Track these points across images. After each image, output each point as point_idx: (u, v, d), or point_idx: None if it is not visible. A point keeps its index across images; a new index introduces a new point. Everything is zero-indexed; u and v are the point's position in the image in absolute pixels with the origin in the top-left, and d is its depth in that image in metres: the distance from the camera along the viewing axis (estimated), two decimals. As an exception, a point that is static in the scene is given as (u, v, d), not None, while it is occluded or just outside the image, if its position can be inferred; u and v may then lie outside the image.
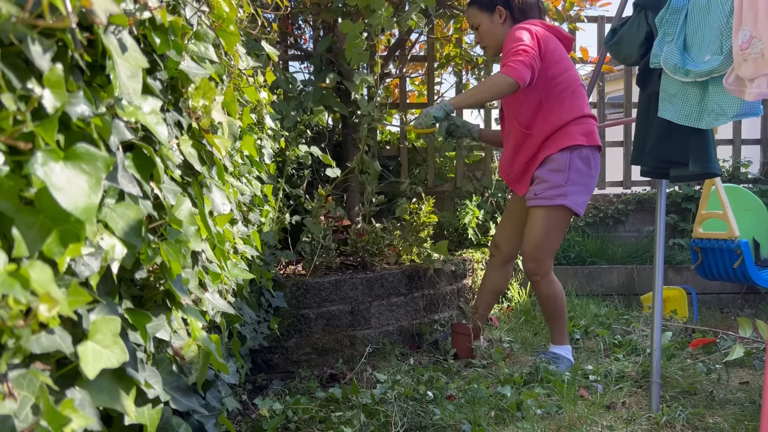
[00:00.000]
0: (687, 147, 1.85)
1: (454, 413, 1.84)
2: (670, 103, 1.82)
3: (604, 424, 1.79)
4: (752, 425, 1.79)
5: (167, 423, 0.86)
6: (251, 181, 1.74)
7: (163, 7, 0.86)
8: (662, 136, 1.90)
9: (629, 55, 2.03)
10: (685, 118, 1.78)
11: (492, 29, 2.49)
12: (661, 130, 1.90)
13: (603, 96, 4.11)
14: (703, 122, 1.75)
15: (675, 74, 1.78)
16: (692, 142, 1.84)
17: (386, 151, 3.74)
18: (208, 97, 1.07)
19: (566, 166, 2.33)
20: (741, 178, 4.10)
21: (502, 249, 2.62)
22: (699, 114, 1.76)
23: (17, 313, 0.54)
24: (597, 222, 4.09)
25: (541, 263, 2.38)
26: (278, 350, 2.36)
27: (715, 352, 2.49)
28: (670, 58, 1.80)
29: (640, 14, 1.97)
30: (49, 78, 0.60)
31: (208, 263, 1.14)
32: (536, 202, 2.37)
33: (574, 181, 2.34)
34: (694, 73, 1.73)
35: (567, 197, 2.33)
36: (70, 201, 0.58)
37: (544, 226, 2.36)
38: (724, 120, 1.70)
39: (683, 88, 1.78)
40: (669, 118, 1.82)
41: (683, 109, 1.79)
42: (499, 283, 2.66)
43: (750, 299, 3.74)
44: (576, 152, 2.34)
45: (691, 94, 1.77)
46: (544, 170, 2.37)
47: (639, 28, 1.96)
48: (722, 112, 1.70)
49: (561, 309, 2.43)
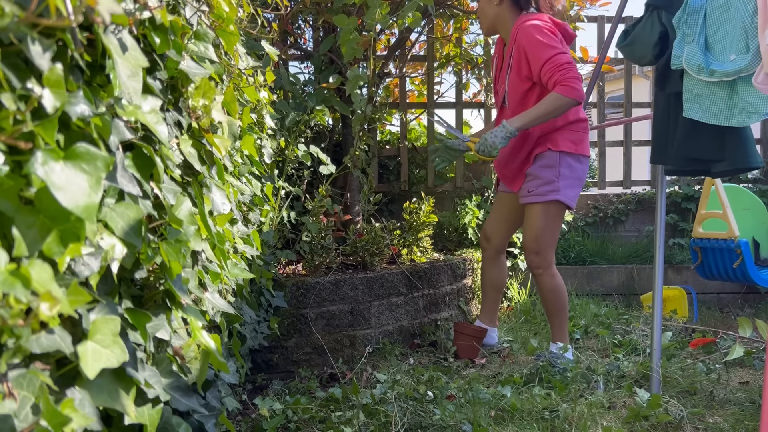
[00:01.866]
0: (722, 144, 1.86)
1: (454, 413, 1.84)
2: (696, 103, 1.83)
3: (604, 424, 1.79)
4: (752, 425, 1.79)
5: (167, 423, 0.86)
6: (251, 180, 1.74)
7: (163, 7, 0.86)
8: (689, 135, 1.91)
9: (643, 56, 2.03)
10: (715, 117, 1.79)
11: (487, 8, 2.50)
12: (687, 130, 1.91)
13: (603, 96, 4.11)
14: (734, 120, 1.76)
15: (699, 75, 1.78)
16: (728, 139, 1.85)
17: (386, 151, 3.74)
18: (208, 96, 1.07)
19: (557, 162, 2.39)
20: (741, 178, 4.10)
21: (493, 240, 2.66)
22: (729, 113, 1.76)
23: (18, 312, 0.54)
24: (597, 222, 4.09)
25: (543, 256, 2.41)
26: (278, 350, 2.36)
27: (715, 352, 2.49)
28: (693, 59, 1.80)
29: (652, 14, 1.97)
30: (49, 78, 0.60)
31: (208, 263, 1.14)
32: (530, 199, 2.42)
33: (565, 176, 2.39)
34: (719, 73, 1.73)
35: (560, 192, 2.38)
36: (70, 200, 0.58)
37: (542, 219, 2.40)
38: (757, 118, 1.71)
39: (709, 88, 1.79)
40: (697, 118, 1.82)
41: (711, 108, 1.79)
42: (497, 277, 2.69)
43: (750, 299, 3.74)
44: (565, 153, 2.40)
45: (718, 94, 1.78)
46: (536, 167, 2.42)
47: (652, 28, 1.96)
48: (754, 110, 1.70)
49: (562, 304, 2.43)
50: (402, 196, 3.63)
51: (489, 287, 2.70)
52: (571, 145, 2.39)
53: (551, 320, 2.47)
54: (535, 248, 2.42)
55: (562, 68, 2.23)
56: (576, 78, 2.23)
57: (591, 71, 3.32)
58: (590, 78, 3.01)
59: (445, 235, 3.45)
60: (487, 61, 3.55)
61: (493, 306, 2.72)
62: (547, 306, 2.46)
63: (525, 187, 2.45)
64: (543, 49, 2.28)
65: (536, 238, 2.41)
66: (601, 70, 3.00)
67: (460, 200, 3.53)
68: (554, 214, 2.41)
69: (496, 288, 2.71)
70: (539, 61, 2.29)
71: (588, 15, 3.78)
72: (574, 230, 4.03)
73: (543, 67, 2.28)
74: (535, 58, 2.30)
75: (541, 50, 2.28)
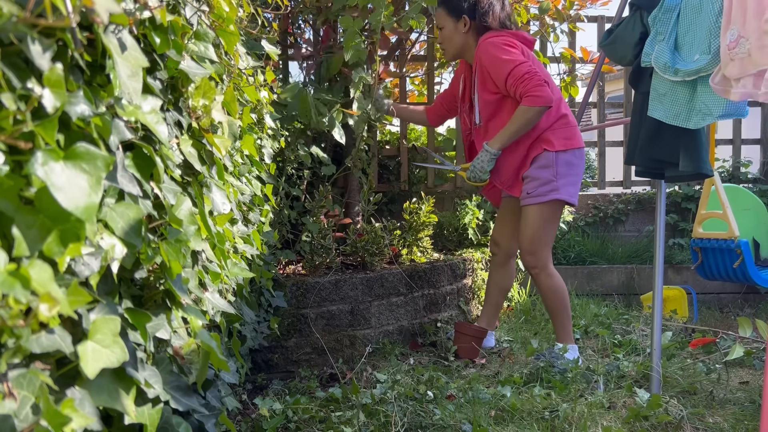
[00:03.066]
0: (678, 147, 1.85)
1: (455, 413, 1.84)
2: (660, 102, 1.82)
3: (604, 424, 1.79)
4: (752, 425, 1.79)
5: (167, 422, 0.86)
6: (251, 180, 1.74)
7: (163, 7, 0.86)
8: (653, 136, 1.91)
9: (624, 56, 2.03)
10: (674, 117, 1.79)
11: (454, 36, 2.53)
12: (652, 130, 1.90)
13: (603, 96, 4.11)
14: (691, 122, 1.75)
15: (665, 73, 1.78)
16: (683, 142, 1.84)
17: (386, 150, 3.74)
18: (208, 96, 1.07)
19: (554, 162, 2.39)
20: (741, 178, 4.10)
21: (502, 245, 2.67)
22: (687, 114, 1.76)
23: (17, 312, 0.54)
24: (597, 222, 4.09)
25: (538, 256, 2.41)
26: (278, 350, 2.36)
27: (715, 352, 2.49)
28: (661, 57, 1.80)
29: (635, 14, 1.97)
30: (49, 77, 0.60)
31: (208, 263, 1.14)
32: (530, 200, 2.42)
33: (563, 174, 2.40)
34: (682, 72, 1.73)
35: (559, 191, 2.38)
36: (70, 200, 0.58)
37: (537, 220, 2.41)
38: (710, 120, 1.70)
39: (673, 88, 1.79)
40: (659, 117, 1.82)
41: (672, 108, 1.79)
42: (504, 281, 2.70)
43: (750, 299, 3.74)
44: (561, 151, 2.41)
45: (680, 94, 1.77)
46: (533, 169, 2.43)
47: (634, 28, 1.96)
48: (708, 111, 1.70)
49: (563, 304, 2.43)
50: (402, 196, 3.63)
51: (494, 290, 2.70)
52: (565, 142, 2.41)
53: (553, 320, 2.47)
54: (530, 248, 2.42)
55: (522, 80, 2.28)
56: (538, 85, 2.26)
57: (591, 71, 3.32)
58: (590, 78, 3.01)
59: (445, 235, 3.44)
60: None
61: (494, 310, 2.72)
62: (547, 306, 2.46)
63: (524, 189, 2.45)
64: (502, 65, 2.33)
65: (531, 238, 2.42)
66: (601, 70, 3.00)
67: (460, 200, 3.53)
68: (551, 214, 2.42)
69: (502, 292, 2.71)
70: (502, 77, 2.34)
71: (588, 15, 3.78)
72: (574, 230, 4.03)
73: (507, 83, 2.33)
74: (497, 74, 2.36)
75: (500, 66, 2.34)
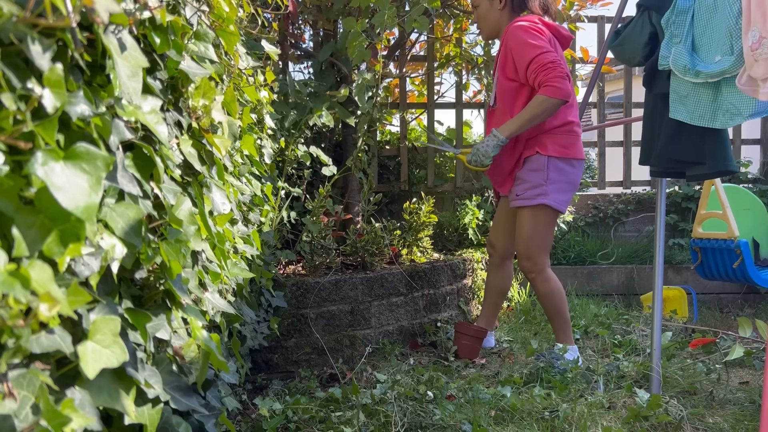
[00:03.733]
0: (702, 146, 1.86)
1: (454, 413, 1.84)
2: (682, 104, 1.83)
3: (604, 424, 1.79)
4: (752, 425, 1.79)
5: (167, 422, 0.86)
6: (251, 180, 1.74)
7: (163, 7, 0.86)
8: (673, 137, 1.91)
9: (633, 57, 2.03)
10: (699, 118, 1.79)
11: (489, 14, 2.49)
12: (671, 131, 1.90)
13: (603, 96, 4.11)
14: (717, 122, 1.76)
15: (685, 75, 1.78)
16: (708, 141, 1.85)
17: (386, 151, 3.74)
18: (208, 96, 1.07)
19: (545, 165, 2.36)
20: (741, 178, 4.10)
21: (498, 246, 2.65)
22: (713, 114, 1.76)
23: (17, 312, 0.54)
24: (597, 222, 4.09)
25: (534, 260, 2.40)
26: (278, 350, 2.36)
27: (715, 352, 2.49)
28: (679, 60, 1.80)
29: (643, 15, 1.97)
30: (49, 78, 0.60)
31: (208, 263, 1.14)
32: (518, 202, 2.41)
33: (553, 179, 2.36)
34: (704, 74, 1.73)
35: (548, 196, 2.35)
36: (70, 200, 0.58)
37: (531, 225, 2.39)
38: (740, 120, 1.71)
39: (695, 89, 1.79)
40: (682, 119, 1.82)
41: (696, 109, 1.79)
42: (502, 282, 2.69)
43: (750, 299, 3.74)
44: (554, 157, 2.37)
45: (703, 95, 1.77)
46: (524, 170, 2.41)
47: (642, 28, 1.96)
48: (737, 111, 1.70)
49: (561, 307, 2.42)
50: (402, 196, 3.63)
51: (492, 292, 2.70)
52: (561, 149, 2.36)
53: (552, 323, 2.47)
54: (527, 253, 2.41)
55: (545, 68, 2.21)
56: (560, 77, 2.20)
57: (591, 71, 3.32)
58: (590, 78, 3.01)
59: (445, 235, 3.45)
60: (488, 61, 3.55)
61: (493, 311, 2.71)
62: (545, 309, 2.46)
63: (513, 191, 2.44)
64: (527, 50, 2.26)
65: (526, 242, 2.40)
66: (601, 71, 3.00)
67: (460, 200, 3.53)
68: (544, 219, 2.39)
69: (500, 294, 2.70)
70: (524, 62, 2.27)
71: (588, 15, 3.78)
72: (574, 230, 4.03)
73: (528, 68, 2.27)
74: (520, 59, 2.29)
75: (525, 50, 2.27)
